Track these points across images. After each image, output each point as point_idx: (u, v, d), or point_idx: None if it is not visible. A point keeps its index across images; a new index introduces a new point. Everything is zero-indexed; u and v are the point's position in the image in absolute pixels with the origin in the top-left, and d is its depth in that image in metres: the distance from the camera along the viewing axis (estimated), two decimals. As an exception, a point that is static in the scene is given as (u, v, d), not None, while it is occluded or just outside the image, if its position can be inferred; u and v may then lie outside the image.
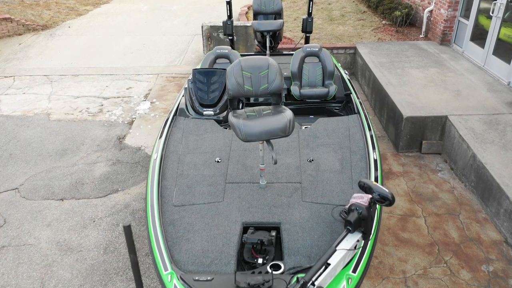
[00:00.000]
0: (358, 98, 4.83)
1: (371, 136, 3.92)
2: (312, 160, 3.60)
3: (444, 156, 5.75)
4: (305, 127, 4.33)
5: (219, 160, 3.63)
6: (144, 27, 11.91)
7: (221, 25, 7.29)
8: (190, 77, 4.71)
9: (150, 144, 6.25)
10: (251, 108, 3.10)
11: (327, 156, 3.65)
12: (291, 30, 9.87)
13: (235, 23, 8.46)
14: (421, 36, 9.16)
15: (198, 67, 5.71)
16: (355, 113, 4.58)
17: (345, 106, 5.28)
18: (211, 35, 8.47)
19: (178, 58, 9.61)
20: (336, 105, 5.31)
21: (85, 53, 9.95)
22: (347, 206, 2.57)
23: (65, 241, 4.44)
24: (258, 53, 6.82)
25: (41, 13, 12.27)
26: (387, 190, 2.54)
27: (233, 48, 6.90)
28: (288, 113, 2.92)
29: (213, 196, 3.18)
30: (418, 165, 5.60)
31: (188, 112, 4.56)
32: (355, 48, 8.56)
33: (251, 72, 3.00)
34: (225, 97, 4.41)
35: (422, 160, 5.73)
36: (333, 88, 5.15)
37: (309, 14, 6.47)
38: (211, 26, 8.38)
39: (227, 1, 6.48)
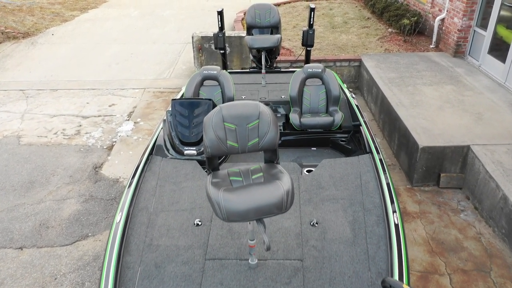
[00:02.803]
0: (369, 130, 4.08)
1: (389, 187, 3.17)
2: (317, 224, 2.85)
3: (465, 192, 5.00)
4: (306, 170, 3.59)
5: (199, 223, 2.88)
6: (133, 34, 11.16)
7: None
8: (170, 108, 3.96)
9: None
10: (237, 170, 2.36)
11: (335, 217, 2.91)
12: (290, 39, 9.12)
13: (229, 33, 7.71)
14: (431, 46, 8.42)
15: (182, 91, 4.96)
16: (365, 151, 3.83)
17: (352, 137, 4.53)
18: (202, 47, 7.71)
19: (168, 70, 8.85)
20: (342, 135, 4.56)
21: (67, 64, 9.18)
22: None
23: (18, 306, 3.69)
24: (253, 68, 6.07)
25: (24, 20, 11.50)
26: None
27: (225, 62, 6.15)
28: (285, 181, 2.17)
29: (188, 283, 2.43)
30: (436, 203, 4.86)
31: (167, 150, 3.81)
32: (360, 61, 7.81)
33: (236, 124, 2.26)
34: None
35: (441, 196, 4.98)
36: (339, 117, 4.40)
37: (310, 25, 5.71)
38: (202, 37, 7.63)
39: (218, 11, 5.72)
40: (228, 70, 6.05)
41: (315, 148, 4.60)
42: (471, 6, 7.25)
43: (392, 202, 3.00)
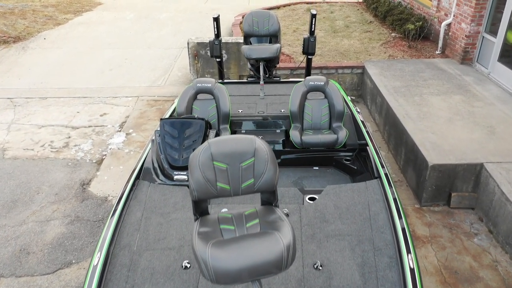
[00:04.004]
0: (377, 151, 3.74)
1: (401, 220, 2.83)
2: (321, 267, 2.51)
3: (478, 213, 4.66)
4: (309, 198, 3.25)
5: (188, 265, 2.54)
6: (128, 38, 10.81)
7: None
8: (158, 127, 3.63)
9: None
10: (229, 215, 2.01)
11: (342, 258, 2.57)
12: (290, 45, 8.78)
13: (226, 39, 7.37)
14: (437, 52, 8.08)
15: (174, 104, 4.62)
16: (373, 175, 3.49)
17: (357, 155, 4.20)
18: (198, 53, 7.38)
19: (163, 77, 8.51)
20: (346, 154, 4.22)
21: (58, 70, 8.84)
22: None
23: None
24: (251, 77, 5.73)
25: (15, 23, 11.15)
26: None
27: (222, 71, 5.81)
28: (286, 232, 1.83)
29: None
30: (447, 226, 4.52)
31: (155, 174, 3.47)
32: (363, 68, 7.48)
33: (228, 162, 1.92)
34: None
35: (452, 217, 4.65)
36: (343, 134, 4.07)
37: (311, 32, 5.37)
38: (198, 43, 7.29)
39: (214, 18, 5.38)
40: (225, 80, 5.72)
41: (317, 168, 4.26)
42: (479, 11, 6.91)
43: (406, 240, 2.66)
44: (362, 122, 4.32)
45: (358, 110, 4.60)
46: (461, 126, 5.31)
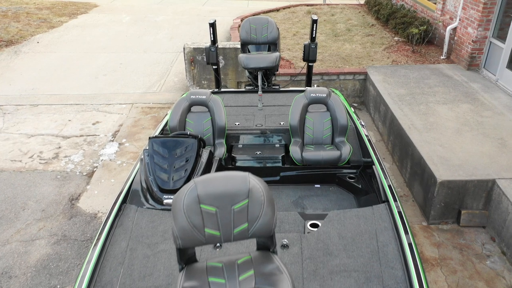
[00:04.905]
0: (384, 171, 3.46)
1: (412, 252, 2.56)
2: (325, 310, 2.24)
3: (490, 232, 4.39)
4: (310, 224, 2.97)
5: (176, 307, 2.27)
6: (124, 42, 10.53)
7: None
8: (147, 146, 3.35)
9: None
10: (219, 264, 1.74)
11: (348, 299, 2.30)
12: (290, 49, 8.50)
13: (223, 44, 7.10)
14: (442, 57, 7.81)
15: (167, 116, 4.34)
16: (380, 198, 3.21)
17: (362, 172, 3.92)
18: (194, 59, 7.10)
19: (158, 82, 8.24)
20: (350, 171, 3.95)
21: (50, 76, 8.56)
22: None
23: None
24: (249, 86, 5.45)
25: (8, 26, 10.87)
26: None
27: (218, 79, 5.54)
28: (283, 283, 1.56)
29: None
30: (457, 246, 4.25)
31: (144, 197, 3.19)
32: (365, 74, 7.20)
33: (217, 205, 1.65)
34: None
35: (462, 237, 4.37)
36: (346, 150, 3.80)
37: (312, 38, 5.10)
38: (194, 48, 7.02)
39: (210, 23, 5.11)
40: (222, 89, 5.45)
41: (319, 186, 3.99)
42: (487, 15, 6.64)
43: (419, 278, 2.38)
44: (367, 136, 4.04)
45: (363, 123, 4.32)
46: (470, 138, 5.03)
